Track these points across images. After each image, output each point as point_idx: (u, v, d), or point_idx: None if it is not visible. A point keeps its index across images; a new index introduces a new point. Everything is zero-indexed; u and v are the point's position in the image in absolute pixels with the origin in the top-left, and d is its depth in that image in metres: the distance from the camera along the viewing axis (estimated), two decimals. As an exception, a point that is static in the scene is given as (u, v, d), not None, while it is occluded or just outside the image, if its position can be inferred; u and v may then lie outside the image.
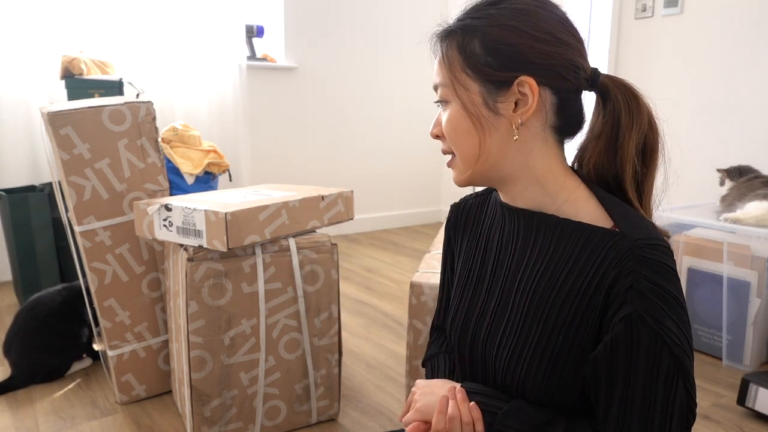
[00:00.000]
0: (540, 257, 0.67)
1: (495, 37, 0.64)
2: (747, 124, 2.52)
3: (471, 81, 0.66)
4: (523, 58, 0.64)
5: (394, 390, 1.65)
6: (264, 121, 3.24)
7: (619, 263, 0.59)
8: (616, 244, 0.60)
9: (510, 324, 0.68)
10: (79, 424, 1.46)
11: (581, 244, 0.64)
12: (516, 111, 0.65)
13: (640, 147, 0.67)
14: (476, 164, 0.68)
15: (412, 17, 3.66)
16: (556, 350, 0.63)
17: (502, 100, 0.65)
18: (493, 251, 0.74)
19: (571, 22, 0.67)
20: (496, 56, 0.64)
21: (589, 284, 0.62)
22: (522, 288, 0.68)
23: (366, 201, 3.72)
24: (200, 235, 1.23)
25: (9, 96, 2.45)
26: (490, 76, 0.65)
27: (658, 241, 0.61)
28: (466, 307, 0.76)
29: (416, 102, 3.80)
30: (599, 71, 0.68)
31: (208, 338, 1.27)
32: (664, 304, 0.58)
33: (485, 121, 0.66)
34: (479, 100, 0.66)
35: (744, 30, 2.49)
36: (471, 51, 0.65)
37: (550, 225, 0.67)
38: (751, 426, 1.51)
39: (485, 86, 0.65)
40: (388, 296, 2.48)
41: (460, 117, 0.67)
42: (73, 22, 2.53)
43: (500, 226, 0.74)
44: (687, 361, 0.58)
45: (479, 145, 0.67)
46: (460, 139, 0.68)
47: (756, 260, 1.76)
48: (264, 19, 3.26)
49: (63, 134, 1.38)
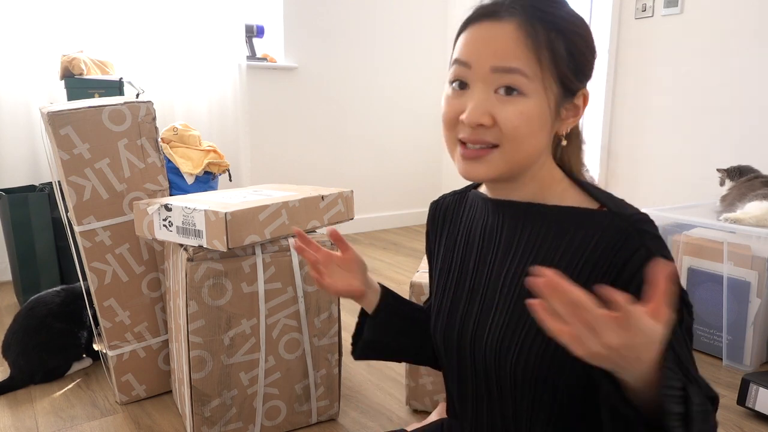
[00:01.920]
0: (530, 244, 0.68)
1: (575, 44, 0.64)
2: (747, 124, 2.52)
3: (554, 81, 0.63)
4: (589, 72, 0.66)
5: (394, 390, 1.65)
6: (264, 121, 3.24)
7: (624, 239, 0.61)
8: (612, 222, 0.63)
9: (498, 313, 0.68)
10: (79, 424, 1.46)
11: (573, 226, 0.65)
12: (570, 118, 0.67)
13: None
14: (524, 162, 0.65)
15: (412, 17, 3.66)
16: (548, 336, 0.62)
17: (565, 107, 0.66)
18: (475, 246, 0.74)
19: None
20: (576, 64, 0.64)
21: (586, 261, 0.63)
22: (511, 276, 0.68)
23: (366, 201, 3.72)
24: (200, 235, 1.23)
25: (9, 96, 2.45)
26: (569, 83, 0.64)
27: (642, 213, 0.64)
28: (449, 305, 0.75)
29: (416, 102, 3.80)
30: None
31: (208, 338, 1.27)
32: None
33: (547, 125, 0.65)
34: (554, 102, 0.64)
35: (744, 30, 2.49)
36: (557, 50, 0.62)
37: (539, 213, 0.68)
38: (751, 426, 1.51)
39: (561, 90, 0.64)
40: (388, 296, 2.48)
41: (538, 114, 0.62)
42: (73, 22, 2.53)
43: (482, 221, 0.74)
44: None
45: (541, 145, 0.65)
46: (528, 136, 0.63)
47: (756, 260, 1.76)
48: (264, 19, 3.26)
49: (63, 134, 1.38)
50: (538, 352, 0.64)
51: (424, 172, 3.96)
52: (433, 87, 3.85)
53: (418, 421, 1.29)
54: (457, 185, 0.85)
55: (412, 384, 1.51)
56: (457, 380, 0.76)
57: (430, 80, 3.83)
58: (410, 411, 1.54)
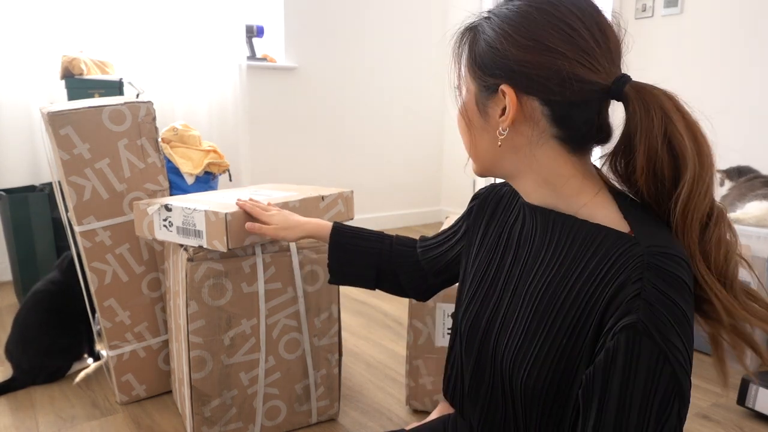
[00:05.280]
0: (554, 257, 0.65)
1: (490, 39, 0.62)
2: (747, 124, 2.52)
3: (471, 81, 0.66)
4: (506, 66, 0.61)
5: (394, 390, 1.66)
6: (264, 121, 3.24)
7: (628, 269, 0.56)
8: (628, 249, 0.57)
9: (518, 323, 0.67)
10: (79, 424, 1.46)
11: (594, 246, 0.61)
12: (500, 118, 0.63)
13: (650, 172, 0.60)
14: (476, 161, 0.71)
15: (412, 17, 3.66)
16: (559, 353, 0.62)
17: (490, 105, 0.64)
18: (513, 246, 0.73)
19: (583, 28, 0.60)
20: (488, 60, 0.63)
21: (595, 289, 0.59)
22: (534, 287, 0.66)
23: (366, 201, 3.72)
24: (200, 236, 1.23)
25: (9, 96, 2.45)
26: (481, 79, 0.64)
27: (675, 252, 0.56)
28: (480, 300, 0.75)
29: (416, 102, 3.80)
30: (625, 81, 0.61)
31: (208, 338, 1.27)
32: (672, 317, 0.53)
33: (476, 124, 0.67)
34: (473, 101, 0.66)
35: (744, 30, 2.49)
36: (476, 50, 0.65)
37: (567, 224, 0.64)
38: (751, 426, 1.51)
39: (479, 88, 0.65)
40: (388, 296, 2.48)
41: (460, 114, 0.69)
42: (73, 22, 2.53)
43: (522, 222, 0.73)
44: (686, 384, 0.54)
45: (471, 145, 0.69)
46: (461, 134, 0.70)
47: (756, 260, 1.76)
48: (264, 19, 3.26)
49: (63, 134, 1.38)
50: (551, 366, 0.62)
51: (425, 173, 3.96)
52: (433, 87, 3.86)
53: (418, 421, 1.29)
54: (458, 184, 0.85)
55: (412, 384, 1.51)
56: (471, 377, 0.75)
57: (430, 80, 3.83)
58: (410, 411, 1.54)
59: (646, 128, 0.59)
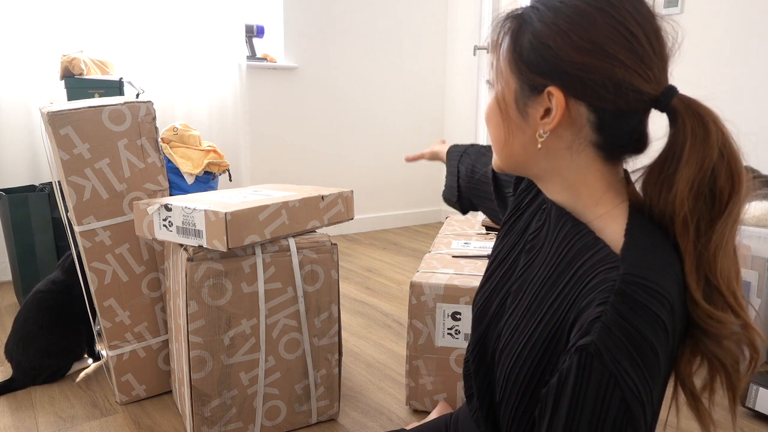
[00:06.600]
0: (554, 258, 0.64)
1: (541, 34, 0.58)
2: (747, 124, 2.52)
3: (511, 75, 0.61)
4: (558, 67, 0.57)
5: (394, 390, 1.65)
6: (264, 121, 3.24)
7: (597, 291, 0.53)
8: (606, 271, 0.54)
9: (515, 316, 0.67)
10: (79, 424, 1.46)
11: (584, 259, 0.59)
12: (543, 120, 0.60)
13: (697, 188, 0.56)
14: (503, 157, 0.66)
15: (412, 17, 3.66)
16: (535, 363, 0.61)
17: (532, 105, 0.60)
18: (532, 237, 0.72)
19: (642, 34, 0.57)
20: (536, 56, 0.58)
21: (570, 304, 0.58)
22: (534, 284, 0.66)
23: (366, 201, 3.72)
24: (200, 235, 1.23)
25: (9, 96, 2.45)
26: (526, 77, 0.59)
27: (656, 287, 0.52)
28: (495, 283, 0.74)
29: (416, 102, 3.80)
30: (673, 92, 0.58)
31: (208, 338, 1.27)
32: (630, 343, 0.51)
33: (513, 122, 0.62)
34: (512, 98, 0.62)
35: (744, 30, 2.49)
36: (520, 43, 0.60)
37: (573, 230, 0.63)
38: (751, 426, 1.51)
39: (521, 86, 0.60)
40: (388, 296, 2.48)
41: (494, 108, 0.64)
42: (73, 22, 2.53)
43: (545, 216, 0.71)
44: (638, 411, 0.51)
45: (504, 142, 0.65)
46: (491, 128, 0.66)
47: (756, 260, 1.76)
48: (264, 19, 3.26)
49: (63, 134, 1.38)
50: (528, 370, 0.62)
51: (425, 173, 3.96)
52: (433, 87, 3.86)
53: (418, 421, 1.29)
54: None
55: (412, 384, 1.51)
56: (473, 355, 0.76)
57: (431, 80, 3.83)
58: (410, 411, 1.54)
59: (702, 141, 0.56)
